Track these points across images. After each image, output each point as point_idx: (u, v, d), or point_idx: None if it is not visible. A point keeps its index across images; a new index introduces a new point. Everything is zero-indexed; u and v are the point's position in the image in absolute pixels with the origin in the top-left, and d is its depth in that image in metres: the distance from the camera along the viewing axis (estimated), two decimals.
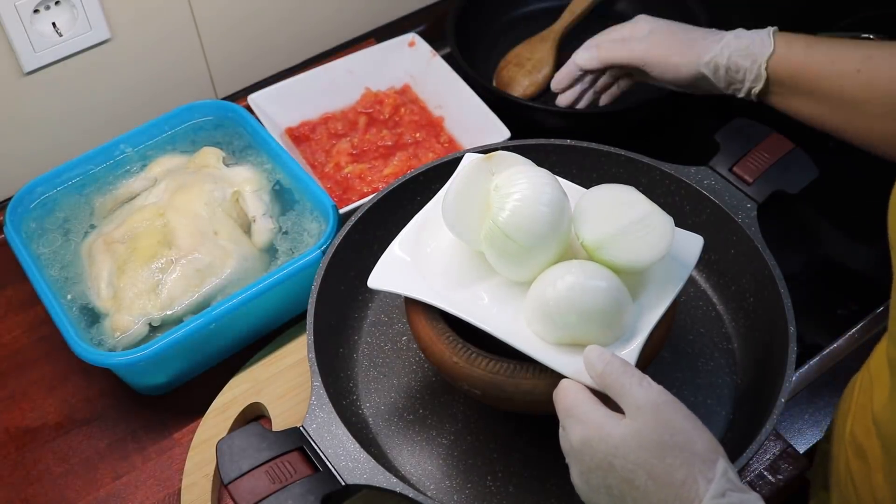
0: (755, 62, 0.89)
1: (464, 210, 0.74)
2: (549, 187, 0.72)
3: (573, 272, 0.71)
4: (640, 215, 0.73)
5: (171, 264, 0.89)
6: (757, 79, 0.89)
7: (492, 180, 0.74)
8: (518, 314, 0.74)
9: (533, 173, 0.73)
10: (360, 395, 0.85)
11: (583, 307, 0.69)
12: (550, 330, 0.71)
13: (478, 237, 0.74)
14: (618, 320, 0.71)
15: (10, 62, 0.99)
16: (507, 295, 0.75)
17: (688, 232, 0.79)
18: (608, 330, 0.71)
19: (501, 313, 0.74)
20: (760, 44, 0.89)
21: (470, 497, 0.79)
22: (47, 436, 0.89)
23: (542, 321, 0.71)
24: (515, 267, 0.73)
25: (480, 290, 0.76)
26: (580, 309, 0.70)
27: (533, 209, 0.71)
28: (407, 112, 1.10)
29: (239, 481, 0.70)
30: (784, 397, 0.74)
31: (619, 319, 0.71)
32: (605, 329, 0.71)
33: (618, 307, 0.71)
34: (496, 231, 0.71)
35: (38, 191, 0.97)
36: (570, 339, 0.71)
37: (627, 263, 0.72)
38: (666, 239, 0.73)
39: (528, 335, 0.72)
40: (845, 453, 0.76)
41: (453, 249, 0.78)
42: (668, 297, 0.74)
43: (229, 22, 1.12)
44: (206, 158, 1.00)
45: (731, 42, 0.90)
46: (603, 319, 0.70)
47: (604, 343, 0.71)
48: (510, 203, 0.71)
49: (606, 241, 0.72)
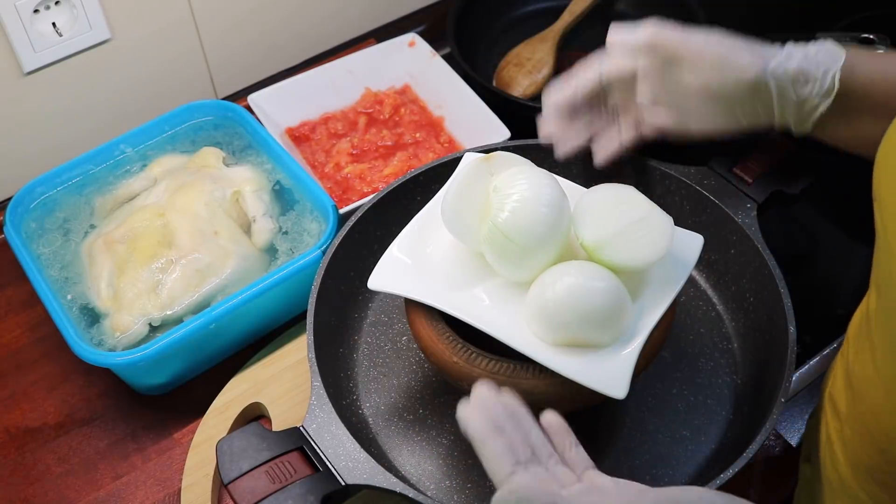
0: (827, 71, 0.75)
1: (463, 211, 0.74)
2: (549, 188, 0.72)
3: (572, 273, 0.71)
4: (640, 215, 0.73)
5: (171, 264, 0.89)
6: (827, 92, 0.76)
7: (491, 181, 0.74)
8: (518, 315, 0.74)
9: (532, 174, 0.73)
10: (360, 395, 0.85)
11: (582, 308, 0.69)
12: (550, 331, 0.71)
13: (477, 238, 0.74)
14: (617, 321, 0.71)
15: (10, 62, 0.99)
16: (507, 296, 0.75)
17: (688, 231, 0.79)
18: (607, 331, 0.71)
19: (501, 314, 0.74)
20: (828, 53, 0.76)
21: (470, 497, 0.79)
22: (47, 436, 0.89)
23: (542, 322, 0.71)
24: (515, 268, 0.73)
25: (480, 291, 0.76)
26: (579, 310, 0.69)
27: (532, 210, 0.71)
28: (407, 112, 1.10)
29: (239, 481, 0.70)
30: (784, 397, 0.74)
31: (619, 320, 0.71)
32: (604, 330, 0.71)
33: (617, 308, 0.71)
34: (495, 232, 0.71)
35: (38, 191, 0.97)
36: (569, 340, 0.71)
37: (627, 264, 0.72)
38: (665, 238, 0.73)
39: (527, 336, 0.72)
40: (825, 417, 0.76)
41: (453, 250, 0.78)
42: (668, 297, 0.74)
43: (229, 22, 1.12)
44: (206, 158, 1.00)
45: (794, 51, 0.77)
46: (602, 320, 0.70)
47: (603, 344, 0.71)
48: (509, 204, 0.71)
49: (606, 242, 0.72)
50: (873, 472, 0.68)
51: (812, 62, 0.76)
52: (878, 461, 0.67)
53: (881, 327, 0.63)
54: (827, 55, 0.76)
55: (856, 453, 0.70)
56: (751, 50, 0.78)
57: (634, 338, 0.72)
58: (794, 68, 0.76)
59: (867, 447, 0.68)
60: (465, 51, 1.12)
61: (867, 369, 0.66)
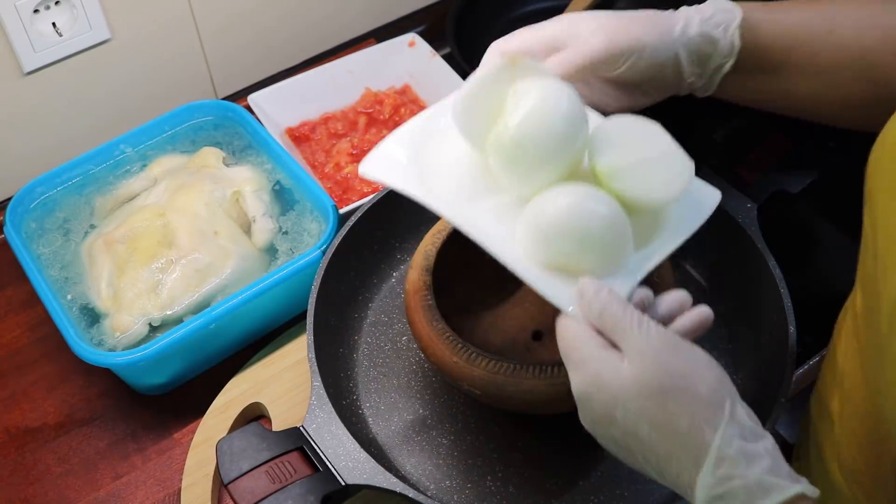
0: (727, 30, 0.76)
1: (476, 108, 0.69)
2: (569, 101, 0.67)
3: (576, 193, 0.66)
4: (662, 151, 0.68)
5: (171, 264, 0.89)
6: (729, 52, 0.77)
7: (512, 86, 0.69)
8: (513, 233, 0.68)
9: (556, 85, 0.68)
10: (360, 395, 0.85)
11: (579, 229, 0.65)
12: (542, 249, 0.66)
13: (484, 140, 0.69)
14: (614, 252, 0.66)
15: (10, 62, 0.99)
16: (508, 215, 0.69)
17: (706, 184, 0.74)
18: (602, 260, 0.66)
19: (498, 229, 0.69)
20: (724, 11, 0.77)
21: (470, 497, 0.79)
22: (47, 436, 0.89)
23: (536, 239, 0.66)
24: (520, 179, 0.68)
25: (481, 205, 0.71)
26: (577, 231, 0.65)
27: (548, 119, 0.66)
28: (407, 112, 1.10)
29: (239, 481, 0.70)
30: (784, 397, 0.74)
31: (616, 252, 0.66)
32: (599, 258, 0.66)
33: (616, 237, 0.66)
34: (505, 136, 0.67)
35: (38, 191, 0.97)
36: (562, 264, 0.66)
37: (639, 198, 0.67)
38: (683, 180, 0.68)
39: (519, 254, 0.68)
40: (812, 418, 0.76)
41: (457, 158, 0.73)
42: (671, 244, 0.70)
43: (229, 22, 1.12)
44: (206, 158, 1.00)
45: (692, 14, 0.77)
46: (598, 247, 0.65)
47: (595, 274, 0.66)
48: (525, 109, 0.66)
49: (621, 171, 0.67)
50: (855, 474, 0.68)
51: (711, 23, 0.76)
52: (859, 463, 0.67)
53: (866, 328, 0.63)
54: (724, 14, 0.76)
55: (840, 454, 0.70)
56: (653, 23, 0.77)
57: (628, 276, 0.66)
58: (696, 32, 0.76)
59: (851, 448, 0.68)
60: (465, 51, 1.12)
61: (855, 369, 0.66)
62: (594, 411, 0.60)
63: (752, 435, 0.57)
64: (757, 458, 0.56)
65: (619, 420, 0.59)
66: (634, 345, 0.59)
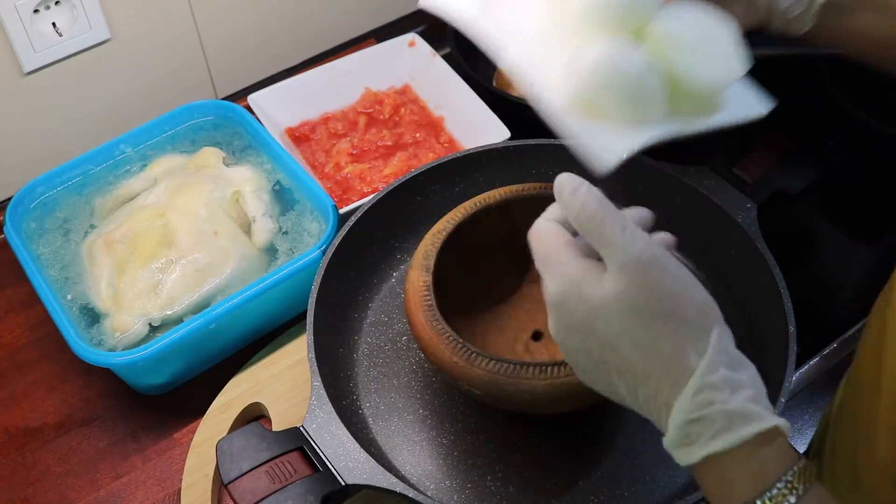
0: None
1: None
2: None
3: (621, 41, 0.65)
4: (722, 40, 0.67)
5: (171, 264, 0.89)
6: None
7: None
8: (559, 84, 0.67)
9: None
10: (360, 395, 0.85)
11: (614, 69, 0.64)
12: (573, 82, 0.65)
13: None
14: (645, 101, 0.65)
15: (10, 62, 0.99)
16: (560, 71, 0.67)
17: (757, 93, 0.72)
18: (630, 106, 0.65)
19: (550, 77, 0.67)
20: None
21: (470, 497, 0.79)
22: (47, 436, 0.89)
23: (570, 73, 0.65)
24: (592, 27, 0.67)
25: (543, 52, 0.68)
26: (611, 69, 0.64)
27: None
28: (407, 112, 1.11)
29: (239, 481, 0.70)
30: (784, 397, 0.74)
31: (647, 102, 0.65)
32: (627, 103, 0.65)
33: (648, 86, 0.65)
34: None
35: (38, 191, 0.97)
36: (587, 102, 0.65)
37: (686, 72, 0.66)
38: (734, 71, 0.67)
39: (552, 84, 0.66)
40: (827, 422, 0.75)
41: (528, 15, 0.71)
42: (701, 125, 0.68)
43: (229, 22, 1.12)
44: (206, 158, 1.00)
45: None
46: (629, 88, 0.64)
47: (620, 119, 0.64)
48: None
49: (677, 39, 0.66)
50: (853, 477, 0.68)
51: None
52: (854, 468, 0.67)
53: None
54: None
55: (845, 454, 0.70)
56: None
57: (654, 129, 0.65)
58: None
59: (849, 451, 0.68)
60: (465, 51, 1.11)
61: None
62: (571, 319, 0.57)
63: (738, 364, 0.56)
64: (741, 387, 0.55)
65: (598, 333, 0.56)
66: (618, 257, 0.55)
